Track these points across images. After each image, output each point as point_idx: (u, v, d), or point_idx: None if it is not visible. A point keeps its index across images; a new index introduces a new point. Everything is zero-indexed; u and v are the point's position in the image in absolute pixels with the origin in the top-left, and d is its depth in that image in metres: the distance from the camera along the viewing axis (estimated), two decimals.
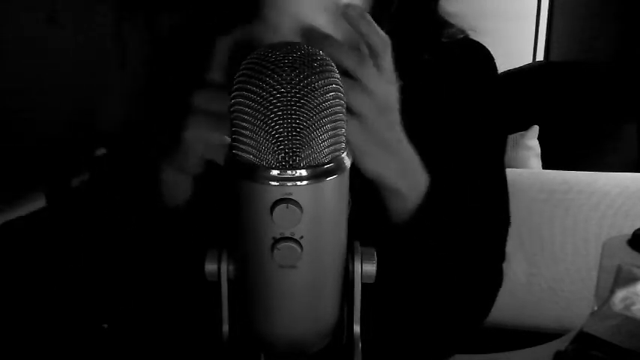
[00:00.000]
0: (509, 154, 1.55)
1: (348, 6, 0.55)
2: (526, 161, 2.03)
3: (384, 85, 0.56)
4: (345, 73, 0.52)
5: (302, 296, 0.45)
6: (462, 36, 0.75)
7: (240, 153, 0.42)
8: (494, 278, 0.76)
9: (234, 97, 0.42)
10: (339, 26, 0.57)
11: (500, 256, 0.76)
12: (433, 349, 0.79)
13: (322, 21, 0.58)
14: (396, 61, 0.57)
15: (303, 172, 0.41)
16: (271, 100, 0.40)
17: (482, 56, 0.77)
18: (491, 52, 0.78)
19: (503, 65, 0.83)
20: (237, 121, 0.42)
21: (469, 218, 0.67)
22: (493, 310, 0.76)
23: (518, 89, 2.28)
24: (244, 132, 0.41)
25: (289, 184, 0.41)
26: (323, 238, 0.43)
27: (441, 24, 0.73)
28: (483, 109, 0.75)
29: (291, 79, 0.40)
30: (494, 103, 0.77)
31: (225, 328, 0.48)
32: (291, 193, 0.41)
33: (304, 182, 0.41)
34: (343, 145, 0.44)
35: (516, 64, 2.42)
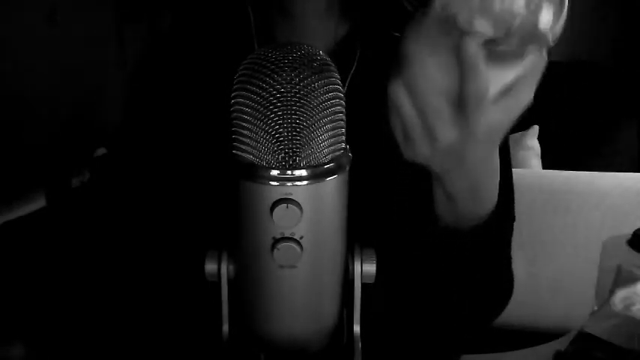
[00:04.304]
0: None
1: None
2: (526, 161, 2.03)
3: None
4: None
5: (302, 296, 0.45)
6: None
7: (240, 153, 0.42)
8: (506, 277, 0.75)
9: (234, 97, 0.42)
10: None
11: (507, 255, 0.75)
12: (441, 350, 0.78)
13: None
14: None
15: (303, 172, 0.41)
16: (271, 100, 0.40)
17: None
18: None
19: None
20: (237, 121, 0.42)
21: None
22: None
23: None
24: (244, 132, 0.41)
25: (289, 184, 0.41)
26: (323, 238, 0.43)
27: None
28: None
29: (291, 79, 0.40)
30: None
31: (225, 328, 0.48)
32: (291, 193, 0.41)
33: (304, 182, 0.41)
34: (343, 145, 0.44)
35: None
